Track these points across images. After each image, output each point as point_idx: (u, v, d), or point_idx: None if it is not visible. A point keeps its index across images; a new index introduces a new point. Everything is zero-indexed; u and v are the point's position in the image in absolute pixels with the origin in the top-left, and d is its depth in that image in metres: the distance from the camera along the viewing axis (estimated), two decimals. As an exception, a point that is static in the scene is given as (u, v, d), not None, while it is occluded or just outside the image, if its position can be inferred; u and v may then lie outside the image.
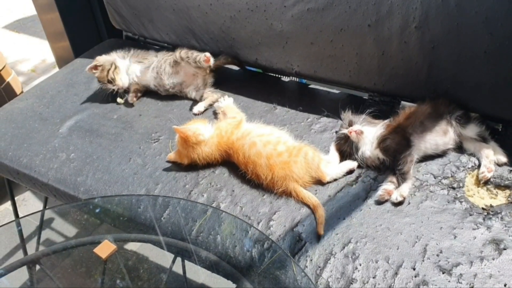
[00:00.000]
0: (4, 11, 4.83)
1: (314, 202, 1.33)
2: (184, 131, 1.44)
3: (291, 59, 1.80)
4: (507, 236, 1.17)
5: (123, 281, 1.36)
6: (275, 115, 1.73)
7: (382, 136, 1.41)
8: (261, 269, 1.20)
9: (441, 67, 1.49)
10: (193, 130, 1.45)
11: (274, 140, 1.43)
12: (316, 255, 1.22)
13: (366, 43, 1.58)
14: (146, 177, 1.52)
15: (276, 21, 1.73)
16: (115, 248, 1.27)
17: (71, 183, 1.57)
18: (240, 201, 1.39)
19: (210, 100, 1.80)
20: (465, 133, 1.43)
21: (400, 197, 1.30)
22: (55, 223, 2.02)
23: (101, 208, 1.44)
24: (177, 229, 1.36)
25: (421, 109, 1.47)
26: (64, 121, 1.81)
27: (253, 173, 1.41)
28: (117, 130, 1.74)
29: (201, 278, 1.83)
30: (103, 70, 1.86)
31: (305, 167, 1.39)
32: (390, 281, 1.13)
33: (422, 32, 1.46)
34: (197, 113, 1.77)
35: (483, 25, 1.35)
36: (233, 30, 1.86)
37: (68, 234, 1.77)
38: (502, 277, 1.09)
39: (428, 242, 1.19)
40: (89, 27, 2.59)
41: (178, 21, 1.99)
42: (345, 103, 1.65)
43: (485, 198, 1.32)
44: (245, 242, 1.25)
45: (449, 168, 1.39)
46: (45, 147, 1.70)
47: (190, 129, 1.46)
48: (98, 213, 1.45)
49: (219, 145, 1.48)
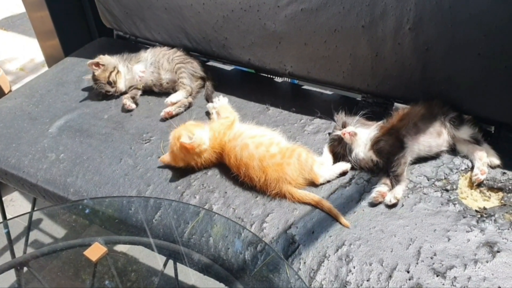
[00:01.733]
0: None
1: (315, 198, 1.33)
2: (192, 145, 1.41)
3: (284, 60, 1.79)
4: (500, 238, 1.17)
5: (113, 284, 1.33)
6: (268, 116, 1.72)
7: (376, 138, 1.40)
8: (254, 272, 1.19)
9: (434, 69, 1.49)
10: (199, 142, 1.43)
11: (266, 141, 1.42)
12: (310, 258, 1.21)
13: (360, 44, 1.57)
14: (137, 178, 1.50)
15: (269, 21, 1.72)
16: (106, 251, 1.24)
17: (60, 184, 1.54)
18: (233, 203, 1.38)
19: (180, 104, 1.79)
20: (458, 135, 1.44)
21: (394, 199, 1.29)
22: (44, 224, 1.99)
23: (91, 210, 1.42)
24: (169, 231, 1.34)
25: (415, 110, 1.47)
26: (53, 121, 1.78)
27: (245, 175, 1.39)
28: (107, 130, 1.71)
29: (193, 281, 1.82)
30: (105, 70, 1.86)
31: (298, 169, 1.38)
32: (384, 284, 1.12)
33: (416, 33, 1.45)
34: (164, 115, 1.75)
35: (477, 27, 1.35)
36: (226, 29, 1.84)
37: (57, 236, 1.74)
38: (496, 280, 1.09)
39: (422, 245, 1.18)
40: (79, 25, 2.56)
41: (170, 20, 1.97)
42: (338, 104, 1.64)
43: (479, 200, 1.32)
44: (238, 244, 1.24)
45: (443, 170, 1.39)
46: (34, 147, 1.67)
47: (196, 141, 1.42)
48: (88, 214, 1.43)
49: (213, 147, 1.46)
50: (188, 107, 1.80)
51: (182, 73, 1.84)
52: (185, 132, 1.43)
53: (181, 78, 1.83)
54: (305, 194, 1.35)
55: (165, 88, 1.90)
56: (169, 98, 1.78)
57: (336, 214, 1.28)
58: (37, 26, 2.59)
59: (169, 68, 1.88)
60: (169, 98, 1.78)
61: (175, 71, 1.85)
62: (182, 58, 1.90)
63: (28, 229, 1.76)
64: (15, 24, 4.46)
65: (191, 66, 1.89)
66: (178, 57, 1.90)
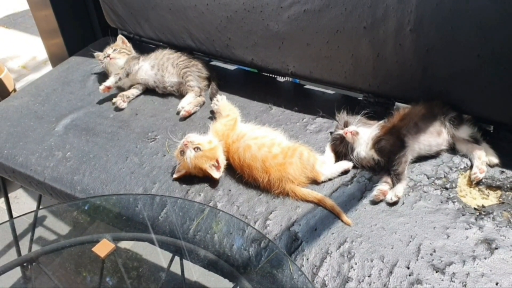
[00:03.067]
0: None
1: (317, 196, 1.35)
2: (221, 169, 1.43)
3: (287, 60, 1.81)
4: (498, 235, 1.20)
5: (121, 280, 1.36)
6: (270, 115, 1.74)
7: (377, 137, 1.43)
8: (258, 268, 1.22)
9: (435, 70, 1.52)
10: (223, 166, 1.44)
11: (268, 142, 1.45)
12: (313, 254, 1.24)
13: (362, 45, 1.60)
14: (143, 176, 1.52)
15: (272, 21, 1.74)
16: (114, 247, 1.27)
17: (67, 182, 1.57)
18: (237, 201, 1.41)
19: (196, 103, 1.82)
20: (458, 135, 1.46)
21: (395, 197, 1.32)
22: (49, 222, 2.01)
23: (98, 207, 1.44)
24: (174, 228, 1.37)
25: (415, 110, 1.49)
26: (59, 120, 1.81)
27: (249, 176, 1.42)
28: (113, 129, 1.74)
29: (199, 277, 1.84)
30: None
31: (300, 168, 1.41)
32: (385, 280, 1.15)
33: (416, 35, 1.48)
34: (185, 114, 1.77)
35: (477, 29, 1.38)
36: (229, 30, 1.87)
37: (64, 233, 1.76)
38: (494, 276, 1.12)
39: (422, 242, 1.21)
40: (83, 24, 2.57)
41: (174, 21, 2.00)
42: (340, 103, 1.66)
43: (477, 198, 1.35)
44: (242, 241, 1.27)
45: (442, 168, 1.42)
46: (41, 146, 1.70)
47: (222, 167, 1.43)
48: (95, 212, 1.45)
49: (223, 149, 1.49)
50: (202, 105, 1.83)
51: (188, 76, 1.86)
52: (208, 163, 1.41)
53: (188, 81, 1.85)
54: (308, 192, 1.38)
55: (169, 91, 1.92)
56: (181, 104, 1.80)
57: (338, 212, 1.31)
58: (41, 24, 2.61)
59: (174, 72, 1.90)
60: (181, 104, 1.80)
61: (182, 76, 1.88)
62: (186, 62, 1.92)
63: (34, 226, 1.79)
64: (16, 22, 4.47)
65: (196, 68, 1.91)
66: (182, 62, 1.92)
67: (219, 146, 1.46)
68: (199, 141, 1.43)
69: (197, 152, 1.41)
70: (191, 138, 1.44)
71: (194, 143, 1.42)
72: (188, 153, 1.41)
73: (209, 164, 1.41)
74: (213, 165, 1.42)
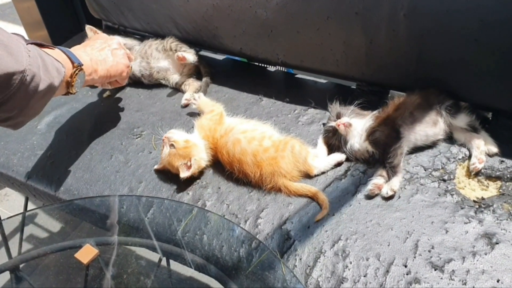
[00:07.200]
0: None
1: (311, 189, 1.30)
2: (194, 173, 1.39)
3: (276, 49, 1.74)
4: (499, 229, 1.15)
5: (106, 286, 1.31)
6: (261, 107, 1.68)
7: (371, 128, 1.37)
8: (249, 270, 1.16)
9: (430, 56, 1.45)
10: (197, 168, 1.38)
11: (258, 135, 1.38)
12: (306, 254, 1.18)
13: (354, 31, 1.53)
14: (128, 175, 1.47)
15: (260, 9, 1.67)
16: (97, 253, 1.22)
17: (50, 183, 1.51)
18: (227, 199, 1.35)
19: (193, 88, 1.77)
20: (455, 123, 1.40)
21: (391, 191, 1.26)
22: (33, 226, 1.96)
23: (82, 209, 1.39)
24: (162, 229, 1.31)
25: (411, 99, 1.43)
26: (42, 117, 1.74)
27: (240, 171, 1.36)
28: (97, 126, 1.68)
29: (187, 280, 1.80)
30: None
31: (292, 162, 1.35)
32: (381, 279, 1.10)
33: (411, 20, 1.41)
34: (186, 103, 1.72)
35: (473, 11, 1.31)
36: (216, 18, 1.79)
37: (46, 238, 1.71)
38: (495, 273, 1.07)
39: (420, 238, 1.16)
40: (67, 16, 2.50)
41: (158, 10, 1.92)
42: (332, 93, 1.60)
43: (476, 190, 1.29)
44: (232, 241, 1.22)
45: (440, 159, 1.36)
46: (23, 145, 1.64)
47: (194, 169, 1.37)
48: (79, 214, 1.40)
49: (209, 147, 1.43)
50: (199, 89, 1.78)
51: (182, 48, 1.81)
52: (180, 161, 1.36)
53: (182, 50, 1.79)
54: (301, 186, 1.32)
55: (156, 78, 1.85)
56: (185, 97, 1.74)
57: (325, 207, 1.25)
58: (24, 17, 2.54)
59: (160, 56, 1.83)
60: (185, 97, 1.74)
61: (175, 49, 1.81)
62: (176, 41, 1.86)
63: (22, 229, 1.73)
64: (5, 13, 4.37)
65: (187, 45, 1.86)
66: (171, 42, 1.85)
67: (198, 146, 1.40)
68: (175, 138, 1.38)
69: (171, 149, 1.37)
70: (170, 134, 1.40)
71: (170, 140, 1.38)
72: (165, 149, 1.38)
73: (181, 162, 1.36)
74: (185, 164, 1.36)
